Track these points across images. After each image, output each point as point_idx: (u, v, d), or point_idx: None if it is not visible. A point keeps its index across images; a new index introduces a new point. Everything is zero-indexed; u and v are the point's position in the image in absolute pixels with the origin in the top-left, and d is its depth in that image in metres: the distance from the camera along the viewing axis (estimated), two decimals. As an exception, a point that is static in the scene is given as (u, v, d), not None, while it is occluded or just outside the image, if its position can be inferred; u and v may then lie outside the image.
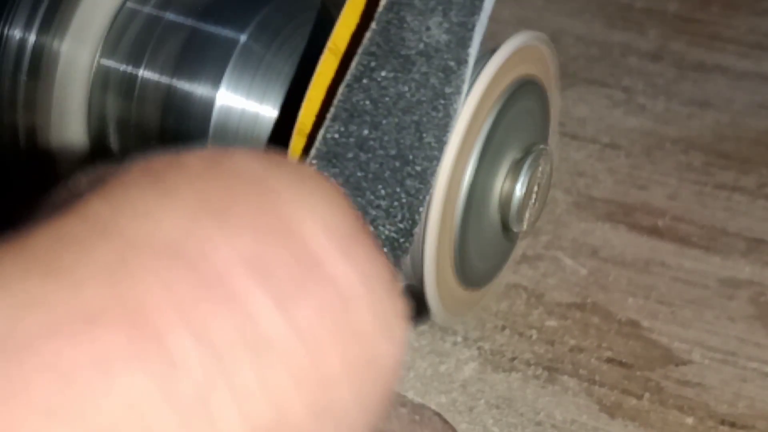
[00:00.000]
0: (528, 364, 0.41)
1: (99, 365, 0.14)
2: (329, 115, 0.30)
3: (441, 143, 0.31)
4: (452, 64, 0.31)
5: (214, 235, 0.16)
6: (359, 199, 0.29)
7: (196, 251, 0.16)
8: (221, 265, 0.16)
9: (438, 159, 0.31)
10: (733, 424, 0.39)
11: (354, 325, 0.16)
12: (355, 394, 0.16)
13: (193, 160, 0.17)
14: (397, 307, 0.17)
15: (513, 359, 0.41)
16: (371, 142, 0.30)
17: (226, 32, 0.37)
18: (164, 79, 0.37)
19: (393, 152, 0.30)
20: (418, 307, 0.36)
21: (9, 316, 0.15)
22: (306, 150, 0.31)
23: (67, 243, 0.15)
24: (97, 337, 0.15)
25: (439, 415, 0.26)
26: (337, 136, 0.30)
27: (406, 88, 0.30)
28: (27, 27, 0.36)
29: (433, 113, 0.30)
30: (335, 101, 0.30)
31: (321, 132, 0.30)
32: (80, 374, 0.14)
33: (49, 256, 0.15)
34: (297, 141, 0.32)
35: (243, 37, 0.36)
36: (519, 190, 0.36)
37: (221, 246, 0.16)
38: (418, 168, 0.30)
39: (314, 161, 0.30)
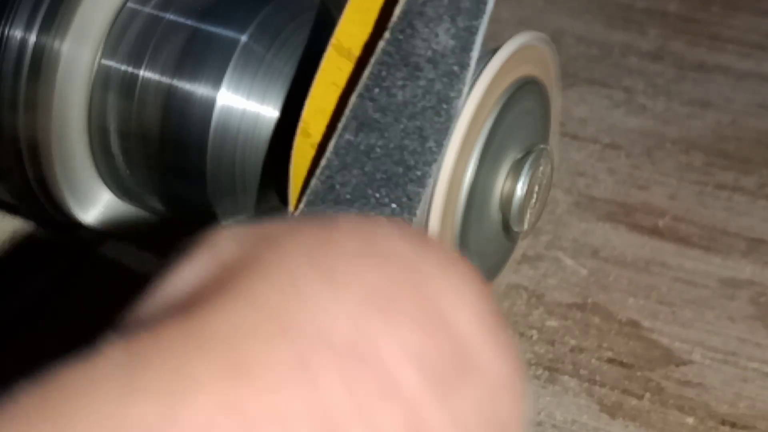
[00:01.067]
0: (528, 364, 0.41)
1: None
2: (340, 125, 0.30)
3: (440, 147, 0.31)
4: (456, 68, 0.31)
5: (384, 332, 0.17)
6: (365, 205, 0.29)
7: (370, 351, 0.16)
8: (393, 364, 0.16)
9: (436, 161, 0.31)
10: (733, 425, 0.39)
11: (501, 414, 0.17)
12: None
13: (346, 240, 0.18)
14: (526, 389, 0.18)
15: (513, 359, 0.41)
16: (378, 150, 0.30)
17: (227, 32, 0.36)
18: (165, 80, 0.37)
19: (397, 158, 0.30)
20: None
21: (208, 419, 0.15)
22: (316, 160, 0.31)
23: (248, 338, 0.16)
24: None
25: None
26: (347, 145, 0.30)
27: (413, 95, 0.30)
28: (28, 27, 0.36)
29: (436, 118, 0.30)
30: (346, 111, 0.30)
31: (332, 142, 0.30)
32: None
33: (233, 353, 0.16)
34: (301, 142, 0.32)
35: (244, 38, 0.36)
36: (520, 190, 0.36)
37: (391, 344, 0.16)
38: (418, 173, 0.30)
39: (325, 171, 0.30)
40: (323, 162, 0.30)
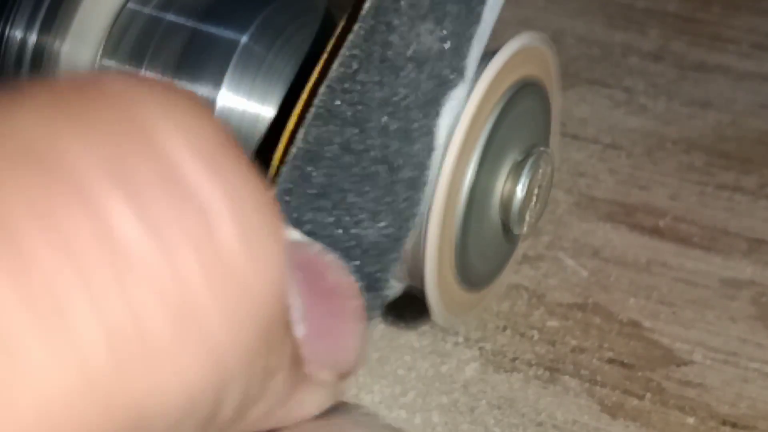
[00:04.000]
0: (529, 364, 0.41)
1: None
2: (309, 115, 0.30)
3: (431, 150, 0.31)
4: (447, 72, 0.30)
5: (71, 136, 0.16)
6: (344, 200, 0.29)
7: (51, 153, 0.15)
8: (78, 167, 0.16)
9: (429, 167, 0.31)
10: (734, 425, 0.39)
11: (217, 241, 0.16)
12: (220, 311, 0.16)
13: (54, 80, 0.17)
14: (268, 226, 0.17)
15: (514, 360, 0.41)
16: (355, 144, 0.29)
17: (228, 33, 0.36)
18: (165, 80, 0.37)
19: (379, 156, 0.29)
20: (419, 307, 0.36)
21: None
22: (287, 148, 0.31)
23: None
24: None
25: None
26: (317, 135, 0.29)
27: (392, 93, 0.30)
28: (28, 27, 0.36)
29: (425, 120, 0.30)
30: (316, 101, 0.30)
31: (301, 131, 0.30)
32: None
33: None
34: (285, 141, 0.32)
35: (244, 38, 0.36)
36: (520, 191, 0.36)
37: (78, 149, 0.16)
38: (408, 174, 0.30)
39: (296, 160, 0.29)
40: (293, 150, 0.29)
